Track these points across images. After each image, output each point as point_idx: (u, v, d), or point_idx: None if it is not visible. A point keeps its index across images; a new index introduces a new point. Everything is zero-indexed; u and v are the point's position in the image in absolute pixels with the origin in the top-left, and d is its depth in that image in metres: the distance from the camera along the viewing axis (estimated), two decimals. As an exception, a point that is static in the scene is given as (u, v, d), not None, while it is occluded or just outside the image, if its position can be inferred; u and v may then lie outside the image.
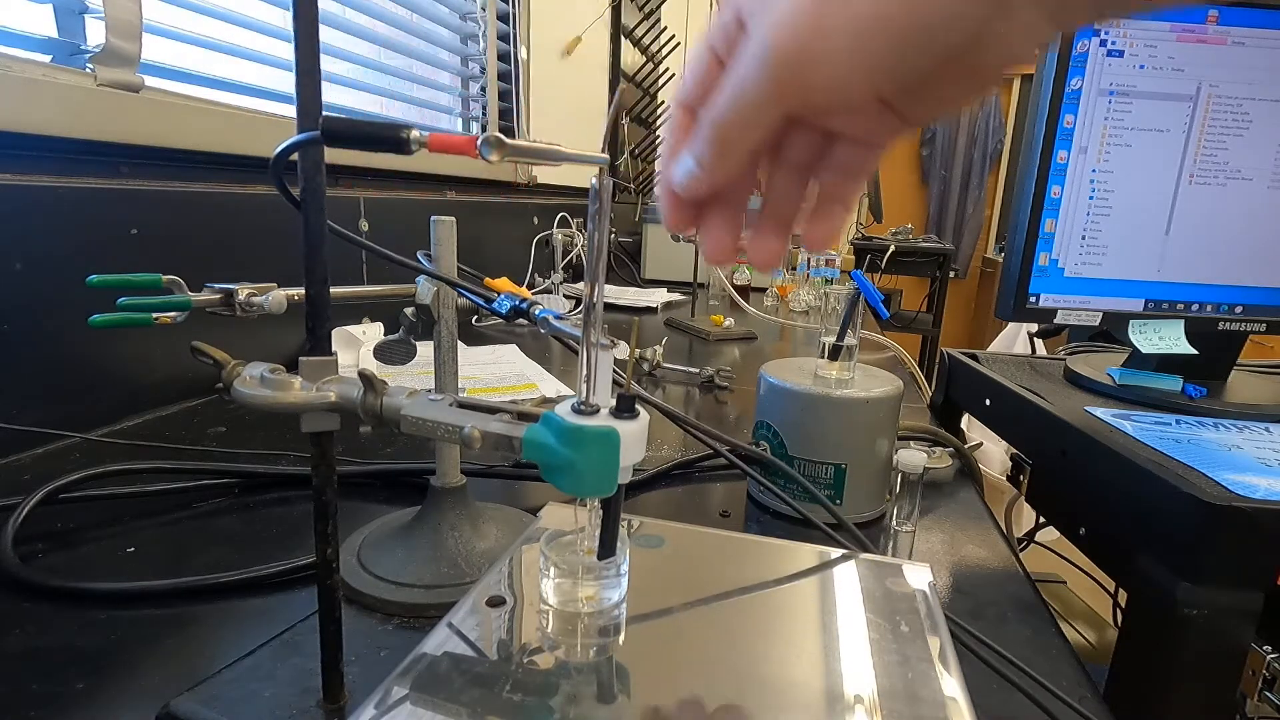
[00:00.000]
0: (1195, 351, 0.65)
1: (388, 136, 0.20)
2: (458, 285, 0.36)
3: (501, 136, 0.21)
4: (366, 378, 0.27)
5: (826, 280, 1.65)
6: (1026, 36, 0.23)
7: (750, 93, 0.24)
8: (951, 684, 0.25)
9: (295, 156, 0.24)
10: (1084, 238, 0.65)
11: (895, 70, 0.23)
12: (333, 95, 1.05)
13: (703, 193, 0.27)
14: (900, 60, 0.23)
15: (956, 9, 0.22)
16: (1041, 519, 0.71)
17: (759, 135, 0.26)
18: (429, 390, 0.29)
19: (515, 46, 1.46)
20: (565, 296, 1.29)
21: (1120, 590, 0.57)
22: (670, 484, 0.57)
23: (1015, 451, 0.68)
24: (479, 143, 0.21)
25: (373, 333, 0.88)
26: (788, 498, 0.48)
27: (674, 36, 2.63)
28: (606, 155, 0.25)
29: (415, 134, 0.20)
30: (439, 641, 0.25)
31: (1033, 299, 0.66)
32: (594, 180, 0.25)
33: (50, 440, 0.57)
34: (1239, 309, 0.67)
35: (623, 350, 0.56)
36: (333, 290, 0.26)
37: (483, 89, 1.43)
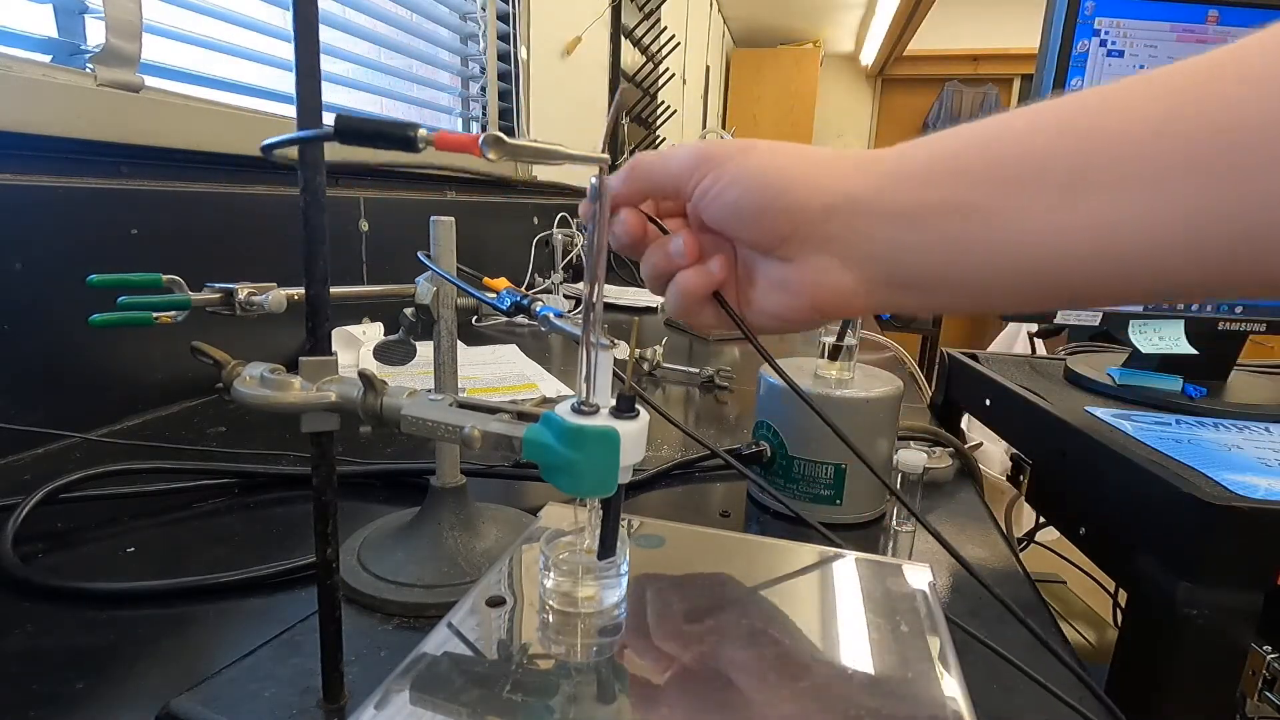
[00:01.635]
0: (1195, 351, 0.65)
1: (397, 135, 0.21)
2: (458, 282, 0.36)
3: (501, 135, 0.21)
4: (366, 378, 0.27)
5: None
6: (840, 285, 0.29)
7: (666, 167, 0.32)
8: (951, 684, 0.25)
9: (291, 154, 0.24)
10: (1084, 238, 0.65)
11: (739, 218, 0.30)
12: (332, 95, 1.05)
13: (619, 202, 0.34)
14: (744, 212, 0.29)
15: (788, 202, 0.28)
16: (1041, 519, 0.71)
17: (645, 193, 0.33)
18: (429, 390, 0.29)
19: (515, 46, 1.46)
20: (565, 296, 1.29)
21: (1120, 590, 0.57)
22: (670, 484, 0.57)
23: (1015, 451, 0.68)
24: (480, 141, 0.21)
25: (373, 333, 0.88)
26: (786, 499, 0.48)
27: (674, 36, 2.64)
28: (606, 155, 0.26)
29: (423, 132, 0.21)
30: (439, 641, 0.25)
31: (1033, 299, 0.66)
32: (593, 179, 0.25)
33: (50, 440, 0.57)
34: (1239, 309, 0.66)
35: (623, 350, 0.56)
36: (333, 290, 0.26)
37: (483, 89, 1.43)
